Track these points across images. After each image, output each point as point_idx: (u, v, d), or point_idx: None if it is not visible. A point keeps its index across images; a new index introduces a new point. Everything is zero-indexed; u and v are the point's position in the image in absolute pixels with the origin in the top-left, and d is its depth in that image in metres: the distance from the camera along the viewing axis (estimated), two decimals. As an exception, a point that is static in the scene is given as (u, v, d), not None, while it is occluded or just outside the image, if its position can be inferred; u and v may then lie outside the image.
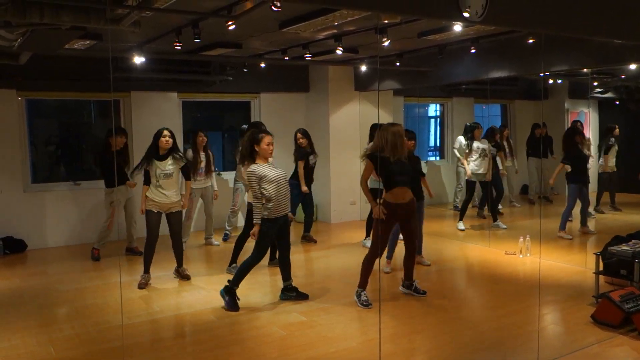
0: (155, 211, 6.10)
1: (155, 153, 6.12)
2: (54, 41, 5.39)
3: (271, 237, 5.42)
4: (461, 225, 8.80)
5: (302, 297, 5.60)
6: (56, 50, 6.11)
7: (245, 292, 5.75)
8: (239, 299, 5.35)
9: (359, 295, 5.39)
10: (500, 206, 9.88)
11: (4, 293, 6.04)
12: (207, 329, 4.86)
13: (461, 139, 9.32)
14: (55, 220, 8.23)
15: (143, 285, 6.04)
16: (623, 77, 9.12)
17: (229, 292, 5.34)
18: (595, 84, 9.47)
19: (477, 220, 9.45)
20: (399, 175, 5.31)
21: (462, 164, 8.98)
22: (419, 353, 4.39)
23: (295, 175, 7.71)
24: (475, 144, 8.78)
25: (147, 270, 6.12)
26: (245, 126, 7.53)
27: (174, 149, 6.16)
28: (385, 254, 6.48)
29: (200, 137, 7.73)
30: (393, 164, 5.29)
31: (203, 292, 5.92)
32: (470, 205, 9.12)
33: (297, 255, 7.58)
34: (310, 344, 4.51)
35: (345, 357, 4.27)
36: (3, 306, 5.59)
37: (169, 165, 6.09)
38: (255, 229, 5.25)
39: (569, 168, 7.99)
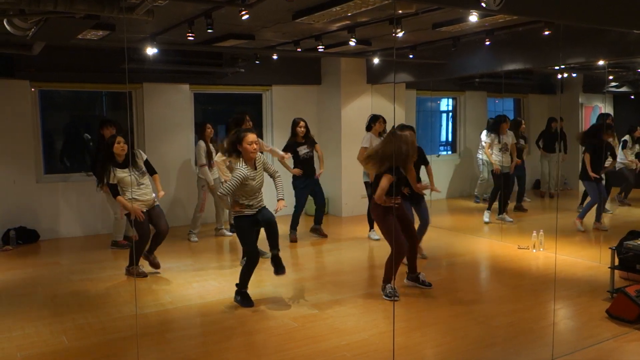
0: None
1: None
2: (67, 31, 5.37)
3: (249, 232, 5.19)
4: (486, 217, 8.77)
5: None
6: (69, 40, 6.09)
7: (257, 283, 5.75)
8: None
9: (383, 289, 5.38)
10: (527, 199, 9.89)
11: (18, 283, 6.08)
12: (218, 320, 4.86)
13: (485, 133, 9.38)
14: (68, 211, 8.27)
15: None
16: (639, 70, 9.00)
17: (240, 294, 5.25)
18: (611, 77, 9.35)
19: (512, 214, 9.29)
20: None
21: (487, 157, 8.93)
22: (432, 346, 4.35)
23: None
24: (501, 137, 8.76)
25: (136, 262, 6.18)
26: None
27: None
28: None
29: (209, 129, 7.80)
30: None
31: (214, 284, 5.92)
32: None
33: (308, 248, 7.58)
34: (322, 336, 4.49)
35: (356, 349, 4.24)
36: (16, 296, 5.62)
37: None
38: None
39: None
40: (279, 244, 5.24)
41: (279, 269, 5.22)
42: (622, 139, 9.36)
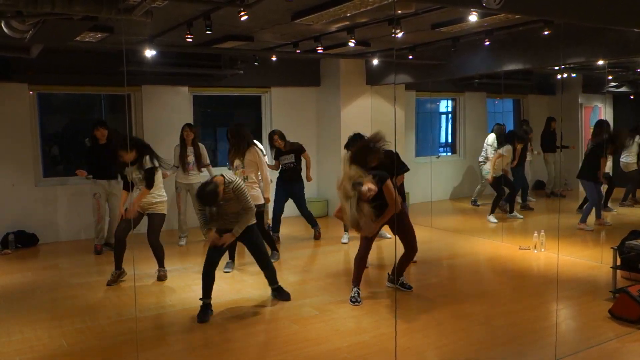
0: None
1: None
2: (65, 32, 5.35)
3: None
4: (493, 219, 8.96)
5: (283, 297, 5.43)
6: (67, 42, 6.08)
7: (257, 285, 5.72)
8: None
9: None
10: (532, 199, 10.16)
11: (16, 287, 6.04)
12: (219, 323, 4.83)
13: (492, 138, 9.44)
14: (67, 214, 8.24)
15: (111, 282, 5.98)
16: (639, 70, 8.99)
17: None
18: (610, 77, 9.34)
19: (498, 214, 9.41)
20: None
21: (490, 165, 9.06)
22: (434, 348, 4.32)
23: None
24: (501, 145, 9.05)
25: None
26: None
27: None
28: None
29: (186, 132, 7.65)
30: None
31: (214, 287, 5.87)
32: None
33: (308, 250, 7.56)
34: (323, 338, 4.46)
35: (358, 350, 4.21)
36: (15, 299, 5.59)
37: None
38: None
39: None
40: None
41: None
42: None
